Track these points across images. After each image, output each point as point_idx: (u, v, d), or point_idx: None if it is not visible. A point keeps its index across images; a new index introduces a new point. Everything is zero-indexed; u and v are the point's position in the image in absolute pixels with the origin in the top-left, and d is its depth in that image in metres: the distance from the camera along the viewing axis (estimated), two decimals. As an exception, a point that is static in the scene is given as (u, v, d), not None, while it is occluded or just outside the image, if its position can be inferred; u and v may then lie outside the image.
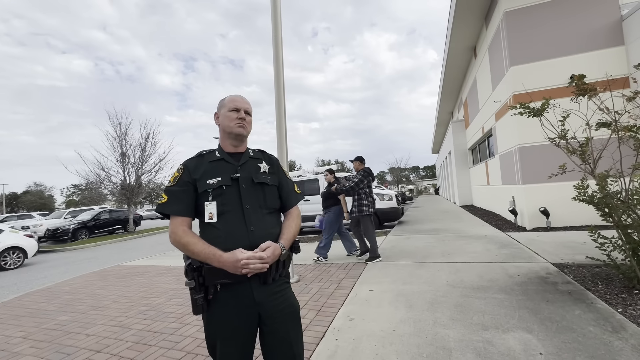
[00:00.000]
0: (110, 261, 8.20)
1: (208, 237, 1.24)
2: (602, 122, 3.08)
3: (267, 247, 1.23)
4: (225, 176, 1.31)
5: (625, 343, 2.02)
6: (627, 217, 2.94)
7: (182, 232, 1.23)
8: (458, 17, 9.22)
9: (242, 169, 1.36)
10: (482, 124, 10.91)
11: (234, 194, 1.30)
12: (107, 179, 15.85)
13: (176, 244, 1.24)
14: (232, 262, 1.16)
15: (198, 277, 1.21)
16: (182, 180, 1.30)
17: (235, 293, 1.24)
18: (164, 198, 1.29)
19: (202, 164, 1.34)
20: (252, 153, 1.45)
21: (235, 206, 1.29)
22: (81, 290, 4.98)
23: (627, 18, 6.32)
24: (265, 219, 1.34)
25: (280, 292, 1.32)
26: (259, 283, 1.26)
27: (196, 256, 1.20)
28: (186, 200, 1.28)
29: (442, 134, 25.32)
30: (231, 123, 1.34)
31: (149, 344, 2.75)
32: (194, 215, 1.31)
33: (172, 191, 1.29)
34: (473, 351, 2.10)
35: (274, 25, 4.34)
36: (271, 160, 1.48)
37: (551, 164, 3.62)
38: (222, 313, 1.24)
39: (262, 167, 1.41)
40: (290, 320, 1.32)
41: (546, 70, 6.80)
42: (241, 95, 1.42)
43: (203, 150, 1.41)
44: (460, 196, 15.69)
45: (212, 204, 1.27)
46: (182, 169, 1.32)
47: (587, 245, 4.15)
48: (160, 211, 1.29)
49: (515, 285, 3.26)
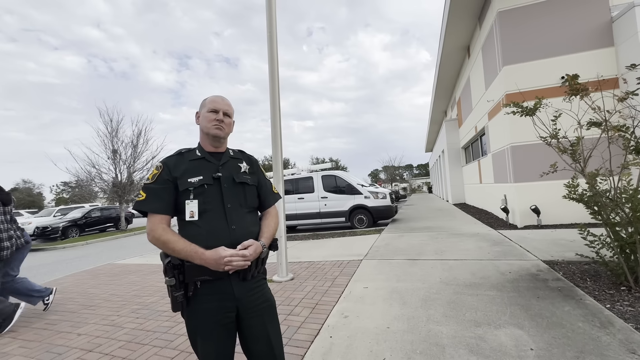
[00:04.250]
0: (102, 259, 8.09)
1: (188, 235, 1.25)
2: (593, 122, 3.13)
3: (249, 244, 1.26)
4: (207, 175, 1.33)
5: (613, 338, 2.07)
6: (616, 215, 3.00)
7: (162, 230, 1.24)
8: (452, 16, 9.26)
9: (224, 169, 1.38)
10: (475, 123, 11.01)
11: (216, 192, 1.32)
12: (98, 176, 15.65)
13: (155, 241, 1.23)
14: (214, 259, 1.18)
15: (178, 274, 1.22)
16: (162, 178, 1.30)
17: (216, 289, 1.27)
18: (142, 196, 1.28)
19: (182, 162, 1.34)
20: (233, 153, 1.47)
21: (216, 205, 1.31)
22: (72, 289, 4.91)
23: (617, 19, 6.42)
24: (245, 218, 1.37)
25: (258, 287, 1.36)
26: (238, 280, 1.28)
27: (177, 254, 1.21)
28: (166, 198, 1.28)
29: (435, 133, 25.50)
30: (209, 124, 1.35)
31: (141, 343, 2.73)
32: (174, 213, 1.32)
33: (151, 189, 1.29)
34: (465, 347, 2.13)
35: (268, 23, 4.31)
36: (251, 161, 1.51)
37: (542, 162, 3.68)
38: (202, 309, 1.26)
39: (242, 167, 1.44)
40: (267, 314, 1.36)
41: (539, 70, 6.88)
42: (222, 96, 1.42)
43: (183, 149, 1.42)
44: (453, 194, 15.85)
45: (194, 203, 1.28)
46: (162, 166, 1.32)
47: (577, 243, 4.24)
48: (138, 209, 1.28)
49: (507, 282, 3.31)
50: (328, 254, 5.61)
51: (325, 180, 9.85)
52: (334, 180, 9.82)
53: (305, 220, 9.87)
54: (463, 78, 12.84)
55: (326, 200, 9.66)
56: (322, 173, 10.06)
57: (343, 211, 9.46)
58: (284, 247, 4.39)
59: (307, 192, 9.88)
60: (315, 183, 9.87)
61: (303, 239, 7.88)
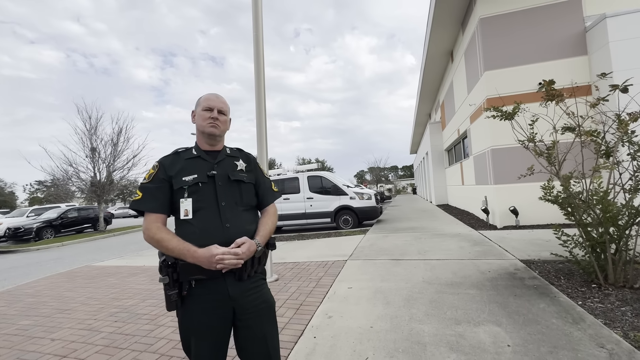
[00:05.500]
0: (79, 261, 7.79)
1: (183, 234, 1.25)
2: (567, 127, 3.27)
3: (242, 242, 1.24)
4: (202, 173, 1.32)
5: (584, 333, 2.17)
6: (587, 216, 3.14)
7: (156, 229, 1.24)
8: (436, 21, 9.47)
9: (219, 167, 1.37)
10: (457, 126, 11.28)
11: (210, 191, 1.31)
12: (75, 175, 15.07)
13: (150, 240, 1.24)
14: (207, 257, 1.17)
15: (172, 273, 1.22)
16: (157, 178, 1.30)
17: (210, 289, 1.25)
18: (139, 195, 1.29)
19: (178, 161, 1.34)
20: (229, 151, 1.46)
21: (210, 203, 1.30)
22: (46, 293, 4.70)
23: (590, 30, 6.75)
24: (241, 216, 1.35)
25: (255, 288, 1.33)
26: (234, 279, 1.27)
27: (170, 252, 1.21)
28: (161, 197, 1.29)
29: (420, 135, 25.97)
30: (204, 122, 1.35)
31: (120, 347, 2.64)
32: (169, 212, 1.32)
33: (146, 188, 1.29)
34: (446, 345, 2.18)
35: (255, 22, 4.28)
36: (248, 159, 1.49)
37: (521, 165, 3.81)
38: (196, 309, 1.24)
39: (238, 165, 1.43)
40: (265, 316, 1.33)
41: (517, 76, 7.14)
42: (217, 94, 1.42)
43: (180, 148, 1.42)
44: (437, 195, 16.17)
45: (188, 201, 1.28)
46: (158, 166, 1.33)
47: (552, 243, 4.41)
48: (134, 208, 1.30)
49: (486, 281, 3.41)
50: (313, 255, 5.62)
51: (311, 180, 9.85)
52: (319, 181, 9.84)
53: (291, 220, 9.84)
54: (447, 82, 13.14)
55: (312, 201, 9.67)
56: (308, 174, 10.07)
57: (329, 212, 9.49)
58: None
59: (292, 192, 9.85)
60: (301, 184, 9.86)
61: (288, 239, 7.85)
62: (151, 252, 7.66)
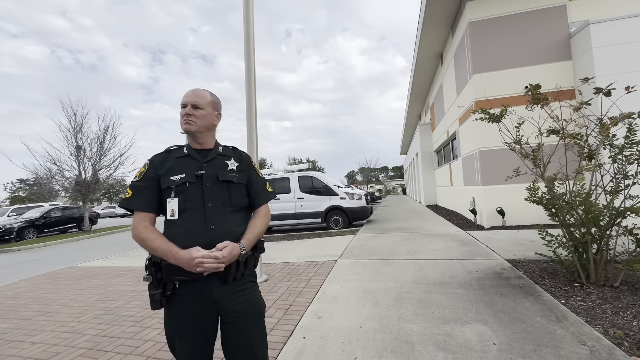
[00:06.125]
0: (62, 262, 7.58)
1: (169, 234, 1.25)
2: (551, 130, 3.35)
3: (223, 246, 1.21)
4: (189, 173, 1.30)
5: (567, 331, 2.22)
6: (571, 217, 3.23)
7: (142, 228, 1.23)
8: (427, 24, 9.58)
9: (208, 166, 1.33)
10: (447, 128, 11.44)
11: (197, 191, 1.29)
12: (59, 173, 14.66)
13: (136, 239, 1.24)
14: (187, 259, 1.15)
15: (156, 272, 1.22)
16: (147, 176, 1.30)
17: (194, 290, 1.24)
18: (129, 193, 1.29)
19: (168, 159, 1.33)
20: (222, 150, 1.41)
21: (197, 203, 1.28)
22: (27, 295, 4.56)
23: (574, 35, 6.94)
24: (228, 218, 1.31)
25: (243, 290, 1.31)
26: (218, 282, 1.25)
27: (154, 252, 1.21)
28: (150, 195, 1.28)
29: (410, 136, 26.22)
30: (180, 121, 1.33)
31: (104, 350, 2.58)
32: (158, 211, 1.31)
33: (136, 186, 1.29)
34: (434, 344, 2.21)
35: (245, 21, 4.24)
36: (241, 158, 1.44)
37: (508, 167, 3.89)
38: (180, 309, 1.24)
39: (229, 164, 1.38)
40: (252, 319, 1.31)
41: (505, 79, 7.28)
42: (196, 88, 1.37)
43: (172, 146, 1.39)
44: (426, 196, 16.36)
45: (174, 201, 1.26)
46: (149, 164, 1.32)
47: (537, 243, 4.51)
48: (124, 206, 1.30)
49: (473, 280, 3.47)
50: (303, 255, 5.61)
51: (301, 181, 9.84)
52: (310, 181, 9.83)
53: (281, 221, 9.80)
54: (436, 84, 13.31)
55: (302, 201, 9.65)
56: (299, 174, 10.05)
57: (319, 212, 9.49)
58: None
59: (283, 192, 9.81)
60: (292, 184, 9.83)
61: (278, 239, 7.81)
62: (137, 252, 7.52)
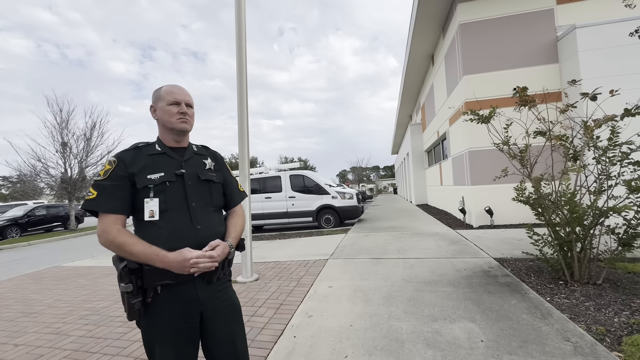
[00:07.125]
0: (46, 262, 7.41)
1: (147, 236, 1.15)
2: (538, 131, 3.43)
3: (216, 245, 1.20)
4: (169, 172, 1.23)
5: (551, 328, 2.28)
6: (556, 217, 3.31)
7: (116, 232, 1.12)
8: (418, 25, 9.66)
9: (187, 165, 1.29)
10: (437, 128, 11.57)
11: (179, 190, 1.24)
12: (44, 170, 14.31)
13: (108, 244, 1.12)
14: (179, 261, 1.11)
15: (136, 280, 1.12)
16: (116, 174, 1.17)
17: (178, 294, 1.18)
18: (93, 194, 1.15)
19: (140, 157, 1.23)
20: (196, 149, 1.38)
21: (180, 203, 1.22)
22: (9, 295, 4.43)
23: (561, 39, 7.09)
24: (211, 217, 1.30)
25: (223, 290, 1.30)
26: (203, 283, 1.22)
27: (135, 257, 1.11)
28: (120, 196, 1.16)
29: (401, 136, 26.42)
30: (172, 119, 1.25)
31: (90, 351, 2.53)
32: (130, 213, 1.21)
33: (102, 186, 1.16)
34: (423, 341, 2.23)
35: (237, 19, 4.20)
36: (216, 157, 1.43)
37: (496, 167, 3.96)
38: (163, 314, 1.17)
39: (207, 163, 1.36)
40: (232, 318, 1.30)
41: (494, 81, 7.40)
42: (179, 85, 1.31)
43: (139, 143, 1.30)
44: (417, 196, 16.52)
45: (154, 201, 1.18)
46: (116, 161, 1.19)
47: (524, 242, 4.61)
48: (88, 208, 1.15)
49: (462, 278, 3.52)
50: (294, 254, 5.60)
51: (293, 179, 9.81)
52: (302, 180, 9.81)
53: (272, 219, 9.77)
54: (427, 85, 13.44)
55: (294, 200, 9.63)
56: (290, 172, 10.02)
57: (310, 211, 9.49)
58: (250, 247, 4.32)
59: (274, 191, 9.78)
60: (283, 182, 9.80)
61: (269, 238, 7.78)
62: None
